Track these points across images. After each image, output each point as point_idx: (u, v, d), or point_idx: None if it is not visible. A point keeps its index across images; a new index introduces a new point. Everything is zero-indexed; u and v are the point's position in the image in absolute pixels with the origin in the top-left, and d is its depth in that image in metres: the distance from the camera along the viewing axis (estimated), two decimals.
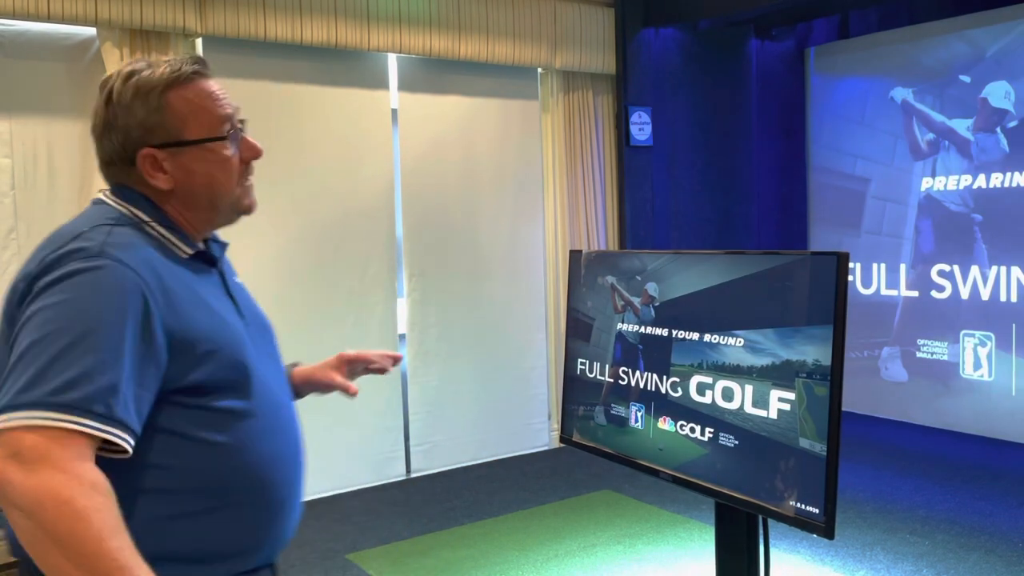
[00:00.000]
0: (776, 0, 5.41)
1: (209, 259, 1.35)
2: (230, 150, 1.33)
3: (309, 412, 5.47)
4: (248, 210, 1.39)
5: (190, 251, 1.30)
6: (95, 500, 1.05)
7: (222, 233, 1.47)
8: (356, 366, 1.70)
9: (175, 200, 1.31)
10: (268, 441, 1.30)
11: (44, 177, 4.05)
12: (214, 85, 1.35)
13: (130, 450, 1.13)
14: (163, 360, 1.18)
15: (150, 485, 1.19)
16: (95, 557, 1.02)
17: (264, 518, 1.30)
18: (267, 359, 1.38)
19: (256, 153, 1.37)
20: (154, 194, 1.31)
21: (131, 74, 1.29)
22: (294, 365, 1.69)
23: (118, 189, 1.31)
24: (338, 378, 1.67)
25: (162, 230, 1.29)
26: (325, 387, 1.68)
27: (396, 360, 1.74)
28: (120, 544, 1.05)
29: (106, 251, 1.17)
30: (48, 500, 1.03)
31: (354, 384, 1.66)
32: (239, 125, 1.36)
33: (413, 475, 5.13)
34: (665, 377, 1.76)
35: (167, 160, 1.29)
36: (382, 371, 1.73)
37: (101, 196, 1.32)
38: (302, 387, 1.68)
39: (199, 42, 4.40)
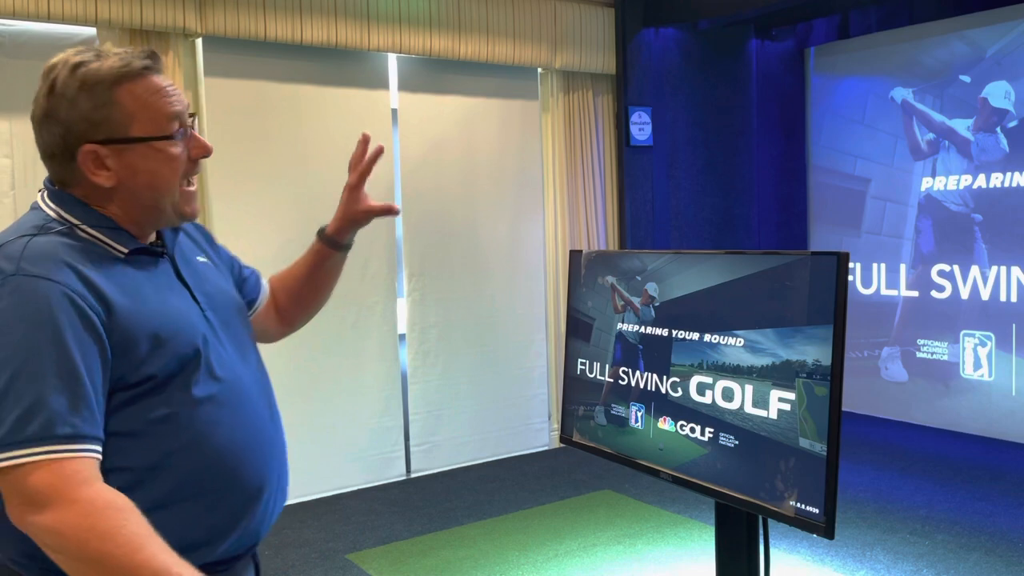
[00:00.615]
0: (776, 0, 5.41)
1: (152, 252, 1.31)
2: (177, 148, 1.28)
3: (310, 411, 5.45)
4: (190, 217, 1.35)
5: (125, 250, 1.26)
6: (114, 519, 1.08)
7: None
8: (363, 181, 1.64)
9: (116, 198, 1.27)
10: (229, 429, 1.27)
11: (44, 177, 4.05)
12: (164, 81, 1.29)
13: (100, 457, 1.14)
14: (108, 359, 1.17)
15: (120, 485, 1.17)
16: (132, 570, 1.07)
17: (230, 508, 1.27)
18: (230, 342, 1.35)
19: (205, 151, 1.33)
20: (92, 191, 1.27)
21: (78, 65, 1.23)
22: (323, 229, 1.67)
23: (53, 191, 1.29)
24: (374, 204, 1.64)
25: (94, 232, 1.25)
26: (364, 218, 1.65)
27: (369, 149, 1.63)
28: (152, 551, 1.09)
29: (22, 268, 1.15)
30: (70, 533, 1.07)
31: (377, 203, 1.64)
32: (188, 122, 1.31)
33: (413, 475, 5.13)
34: (665, 377, 1.76)
35: (110, 157, 1.24)
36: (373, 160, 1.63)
37: (37, 199, 1.30)
38: (346, 233, 1.66)
39: (199, 42, 4.40)
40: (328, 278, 1.71)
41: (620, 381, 1.89)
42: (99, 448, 1.14)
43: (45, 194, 1.29)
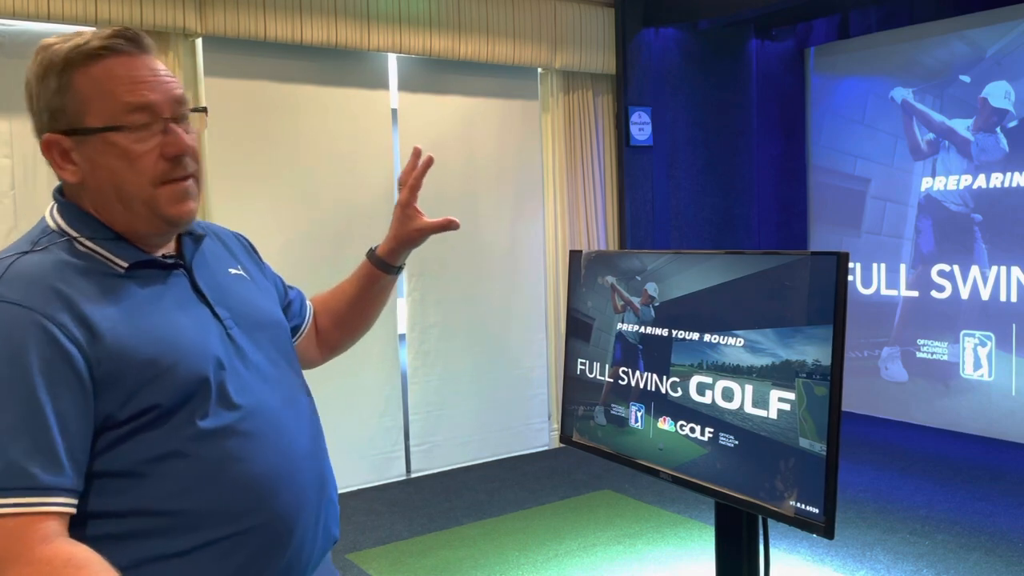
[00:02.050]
0: (776, 0, 5.41)
1: (160, 265, 1.18)
2: (135, 143, 1.11)
3: None
4: (173, 220, 1.17)
5: (125, 264, 1.14)
6: None
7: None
8: (414, 197, 1.55)
9: (87, 196, 1.15)
10: (246, 464, 1.13)
11: (44, 177, 4.05)
12: (139, 65, 1.13)
13: (72, 510, 1.03)
14: (90, 395, 1.04)
15: (106, 534, 1.06)
16: None
17: (250, 554, 1.13)
18: (258, 363, 1.22)
19: (180, 149, 1.14)
20: (70, 189, 1.17)
21: (43, 48, 1.13)
22: (373, 250, 1.57)
23: (60, 202, 1.18)
24: (430, 221, 1.54)
25: (92, 245, 1.13)
26: (419, 237, 1.56)
27: (417, 162, 1.54)
28: None
29: None
30: None
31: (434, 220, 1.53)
32: (170, 114, 1.14)
33: (413, 475, 5.13)
34: (665, 377, 1.75)
35: (75, 150, 1.12)
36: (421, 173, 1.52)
37: (46, 211, 1.19)
38: (399, 254, 1.56)
39: (199, 42, 4.40)
40: (377, 301, 1.59)
41: (620, 381, 1.89)
42: (67, 500, 1.01)
43: (54, 206, 1.18)
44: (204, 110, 1.22)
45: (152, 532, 1.08)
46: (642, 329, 1.84)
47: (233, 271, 1.32)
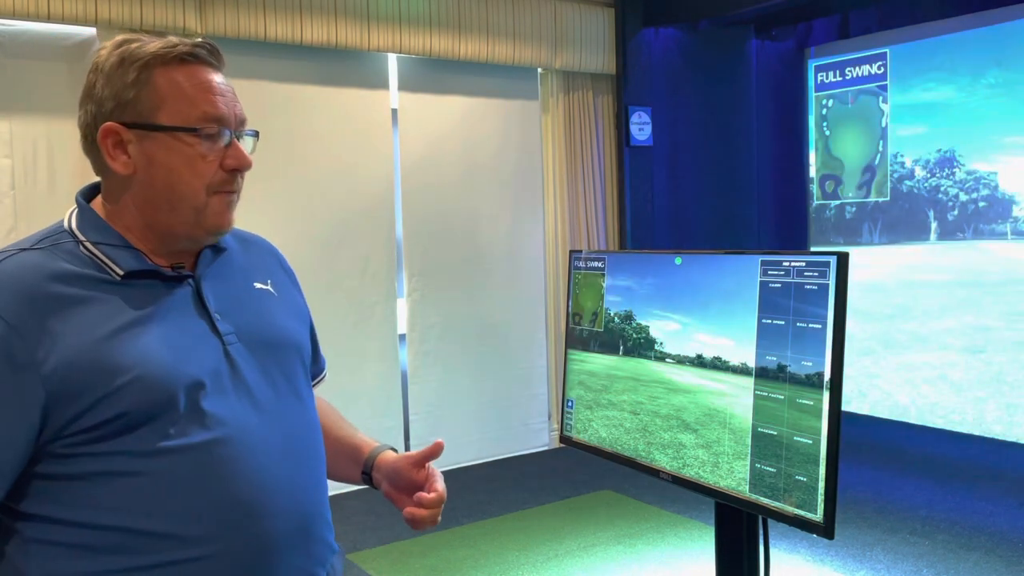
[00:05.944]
0: (776, 0, 5.41)
1: (162, 275, 1.16)
2: (203, 148, 1.14)
3: None
4: (216, 229, 1.18)
5: (121, 272, 1.12)
6: None
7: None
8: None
9: (132, 191, 1.15)
10: (209, 487, 1.08)
11: (44, 177, 4.05)
12: (216, 78, 1.18)
13: None
14: (34, 404, 1.02)
15: (54, 541, 1.05)
16: None
17: (232, 571, 1.09)
18: (258, 383, 1.17)
19: (240, 163, 1.17)
20: (111, 183, 1.17)
21: (122, 42, 1.16)
22: (370, 469, 1.50)
23: (80, 206, 1.19)
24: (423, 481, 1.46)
25: (95, 250, 1.13)
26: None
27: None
28: None
29: None
30: None
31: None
32: (234, 129, 1.18)
33: None
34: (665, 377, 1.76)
35: (133, 143, 1.13)
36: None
37: (68, 212, 1.21)
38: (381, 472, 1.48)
39: None
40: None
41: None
42: None
43: (74, 210, 1.19)
44: (257, 134, 1.24)
45: (102, 547, 1.04)
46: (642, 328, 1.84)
47: (259, 285, 1.28)
